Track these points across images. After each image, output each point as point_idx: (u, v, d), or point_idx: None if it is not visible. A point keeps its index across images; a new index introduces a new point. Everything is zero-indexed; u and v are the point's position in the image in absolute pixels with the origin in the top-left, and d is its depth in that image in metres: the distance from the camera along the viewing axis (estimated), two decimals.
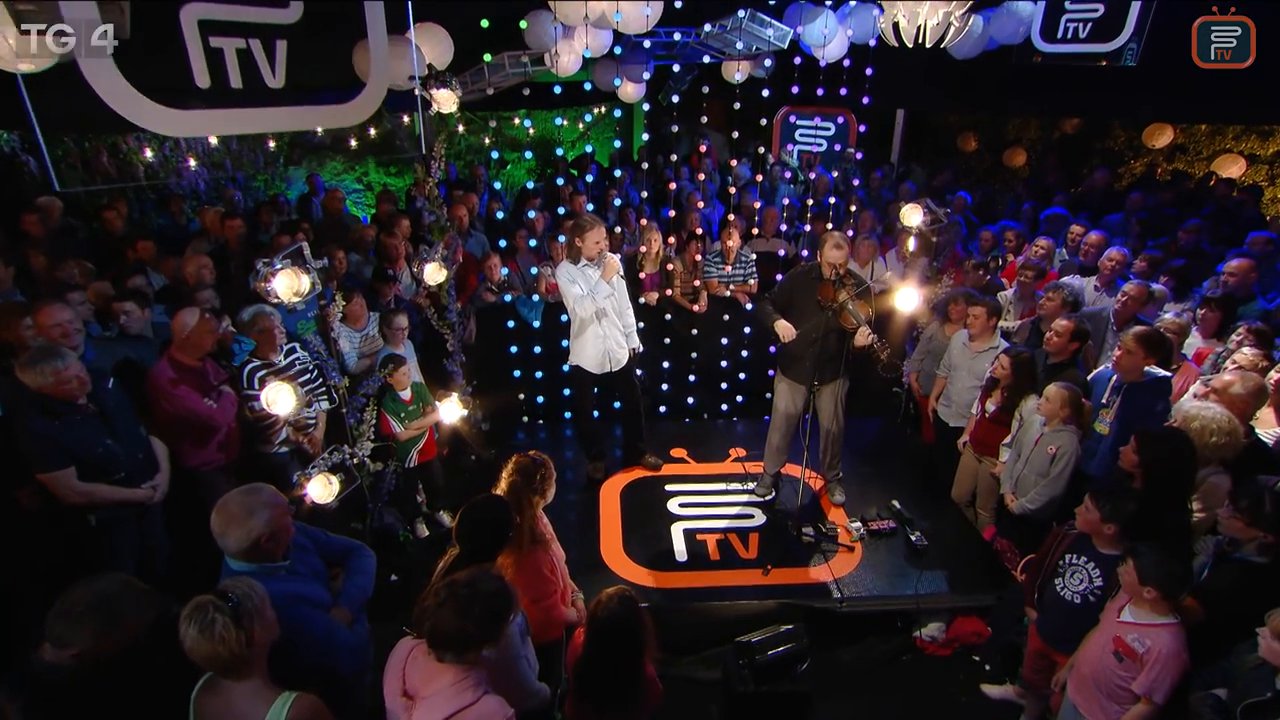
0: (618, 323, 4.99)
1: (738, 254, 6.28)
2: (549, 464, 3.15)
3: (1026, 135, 9.98)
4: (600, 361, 4.99)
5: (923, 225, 5.47)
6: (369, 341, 5.02)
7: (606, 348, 4.95)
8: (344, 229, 6.27)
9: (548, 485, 3.12)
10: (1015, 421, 4.41)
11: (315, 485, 3.89)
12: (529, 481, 3.05)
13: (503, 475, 3.10)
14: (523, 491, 3.02)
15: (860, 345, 4.16)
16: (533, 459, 3.11)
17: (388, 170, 9.34)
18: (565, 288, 4.83)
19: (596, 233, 4.66)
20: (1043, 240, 5.84)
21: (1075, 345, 4.34)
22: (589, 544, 4.62)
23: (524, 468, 3.08)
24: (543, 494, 3.10)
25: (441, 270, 5.06)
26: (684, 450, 5.71)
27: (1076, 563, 3.26)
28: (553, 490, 3.18)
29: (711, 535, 4.69)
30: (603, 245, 4.74)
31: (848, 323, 4.26)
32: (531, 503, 3.04)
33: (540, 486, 3.07)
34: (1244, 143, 8.22)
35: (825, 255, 4.34)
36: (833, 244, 4.31)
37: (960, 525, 4.84)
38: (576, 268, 4.81)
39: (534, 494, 3.06)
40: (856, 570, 4.38)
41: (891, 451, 5.83)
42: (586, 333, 4.93)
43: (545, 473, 3.10)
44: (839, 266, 4.31)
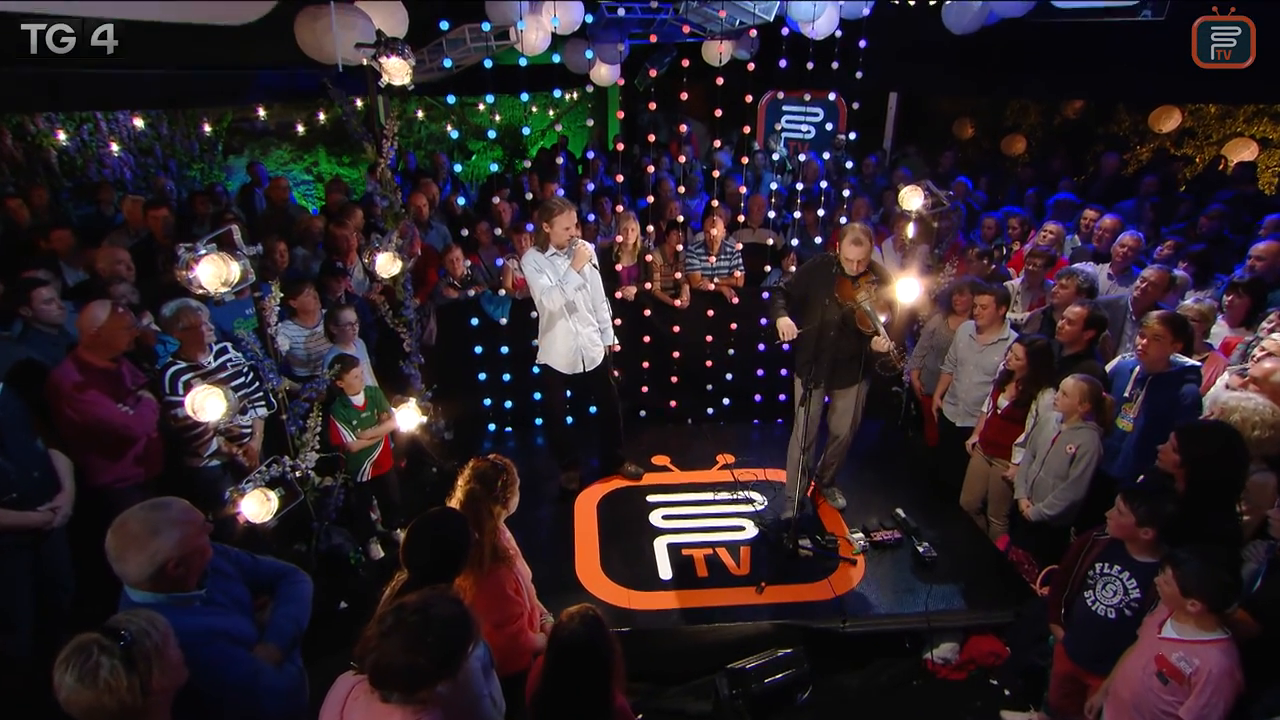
0: (591, 317, 4.78)
1: (722, 244, 6.09)
2: (511, 469, 2.92)
3: (1026, 121, 9.93)
4: (571, 360, 4.77)
5: (923, 209, 5.35)
6: (314, 340, 4.74)
7: (578, 345, 4.74)
8: (289, 221, 5.97)
9: (510, 494, 2.90)
10: (1030, 419, 4.27)
11: (250, 502, 3.64)
12: (489, 490, 2.81)
13: (458, 484, 2.86)
14: (482, 501, 2.79)
15: (876, 350, 4.07)
16: (493, 464, 2.88)
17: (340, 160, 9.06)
18: (531, 278, 4.61)
19: (566, 217, 4.45)
20: (1052, 225, 5.72)
21: (1091, 334, 4.21)
22: (562, 562, 4.43)
23: (483, 474, 2.84)
24: (505, 504, 2.87)
25: (396, 261, 4.83)
26: (667, 458, 5.55)
27: (1109, 573, 3.08)
28: (516, 499, 2.96)
29: (699, 550, 4.52)
30: (573, 231, 4.53)
31: (864, 325, 4.15)
32: (492, 514, 2.81)
33: (502, 495, 2.84)
34: (1256, 126, 8.20)
35: (843, 251, 4.19)
36: (851, 239, 4.13)
37: (971, 535, 4.70)
38: (544, 256, 4.60)
39: (495, 504, 2.83)
40: (860, 586, 4.23)
41: (893, 456, 5.70)
42: (556, 328, 4.71)
43: (507, 479, 2.87)
44: (859, 263, 4.16)
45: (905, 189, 5.36)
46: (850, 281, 4.22)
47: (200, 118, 7.72)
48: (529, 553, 4.37)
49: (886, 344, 4.02)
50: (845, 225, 4.32)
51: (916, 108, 10.38)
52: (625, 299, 5.85)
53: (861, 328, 4.18)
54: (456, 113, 9.88)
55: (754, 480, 5.22)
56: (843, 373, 4.41)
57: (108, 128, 7.15)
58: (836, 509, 4.92)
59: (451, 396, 5.83)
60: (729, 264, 6.14)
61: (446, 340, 5.84)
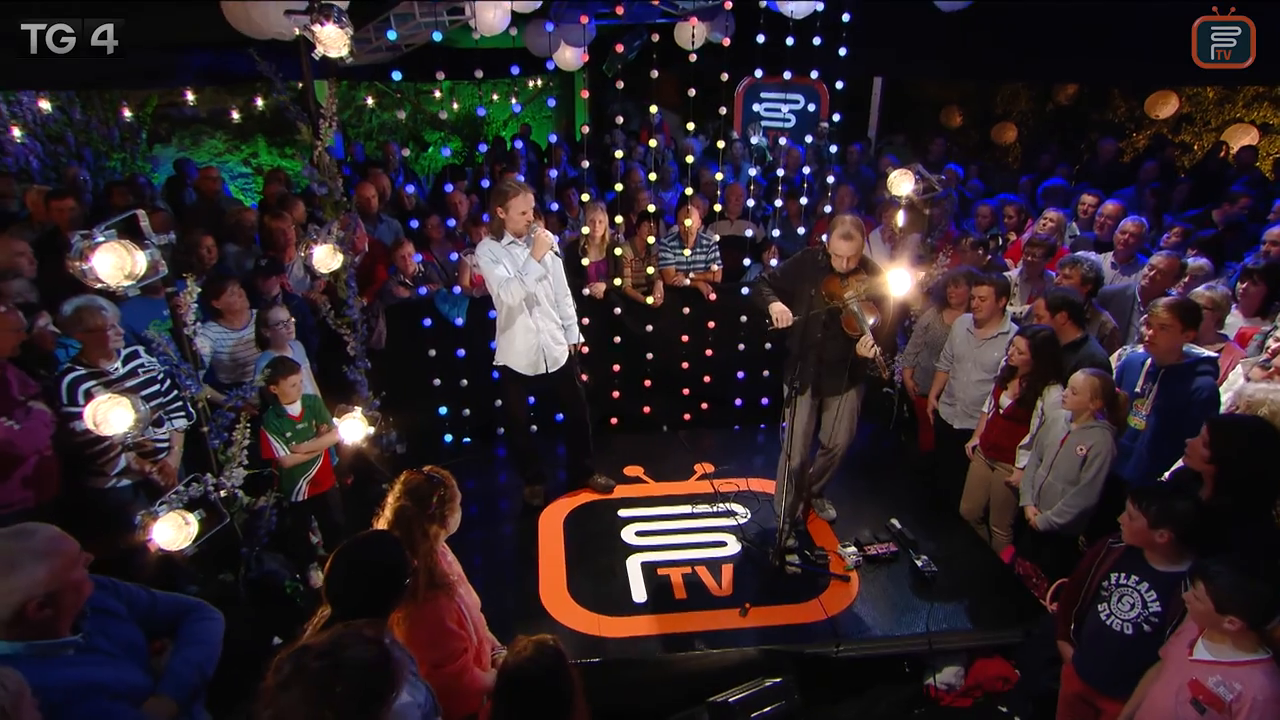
0: (553, 313, 4.56)
1: (698, 236, 5.90)
2: (450, 483, 2.68)
3: (1016, 108, 9.91)
4: (533, 360, 4.54)
5: (914, 194, 5.21)
6: (243, 345, 4.45)
7: (539, 343, 4.52)
8: (220, 215, 5.67)
9: (449, 510, 2.65)
10: (1035, 418, 4.11)
11: (164, 527, 3.36)
12: (422, 506, 2.57)
13: (388, 500, 2.60)
14: (415, 520, 2.54)
15: (861, 355, 3.93)
16: (427, 476, 2.64)
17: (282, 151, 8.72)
18: (487, 269, 4.38)
19: (521, 200, 4.23)
20: (1052, 213, 5.63)
21: (1063, 316, 4.12)
22: (524, 587, 4.20)
23: (415, 488, 2.60)
24: (443, 522, 2.63)
25: (336, 255, 4.58)
26: (640, 468, 5.35)
27: (1125, 583, 2.91)
28: (457, 517, 2.72)
29: (676, 569, 4.32)
30: (530, 216, 4.32)
31: (850, 327, 4.00)
32: (428, 534, 2.56)
33: (439, 512, 2.60)
34: (1255, 111, 8.20)
35: (833, 246, 4.02)
36: (841, 233, 3.97)
37: (973, 546, 4.54)
38: (500, 245, 4.36)
39: (430, 523, 2.58)
40: (854, 606, 4.05)
41: (885, 462, 5.56)
42: (515, 325, 4.48)
43: (445, 493, 2.63)
44: (850, 260, 4.00)
45: (895, 173, 5.24)
46: (839, 279, 4.06)
47: (119, 102, 7.35)
48: (488, 576, 4.27)
49: (871, 349, 3.86)
50: (836, 217, 4.14)
51: (902, 95, 10.33)
52: (594, 297, 5.66)
53: (847, 330, 4.03)
54: (410, 100, 9.60)
55: (736, 491, 5.03)
56: (831, 379, 4.23)
57: (8, 111, 6.74)
58: (826, 521, 4.76)
59: (404, 405, 5.58)
60: (705, 258, 5.97)
61: (397, 343, 5.59)
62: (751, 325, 5.90)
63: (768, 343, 5.87)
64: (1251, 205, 5.86)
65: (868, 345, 3.87)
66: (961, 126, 9.91)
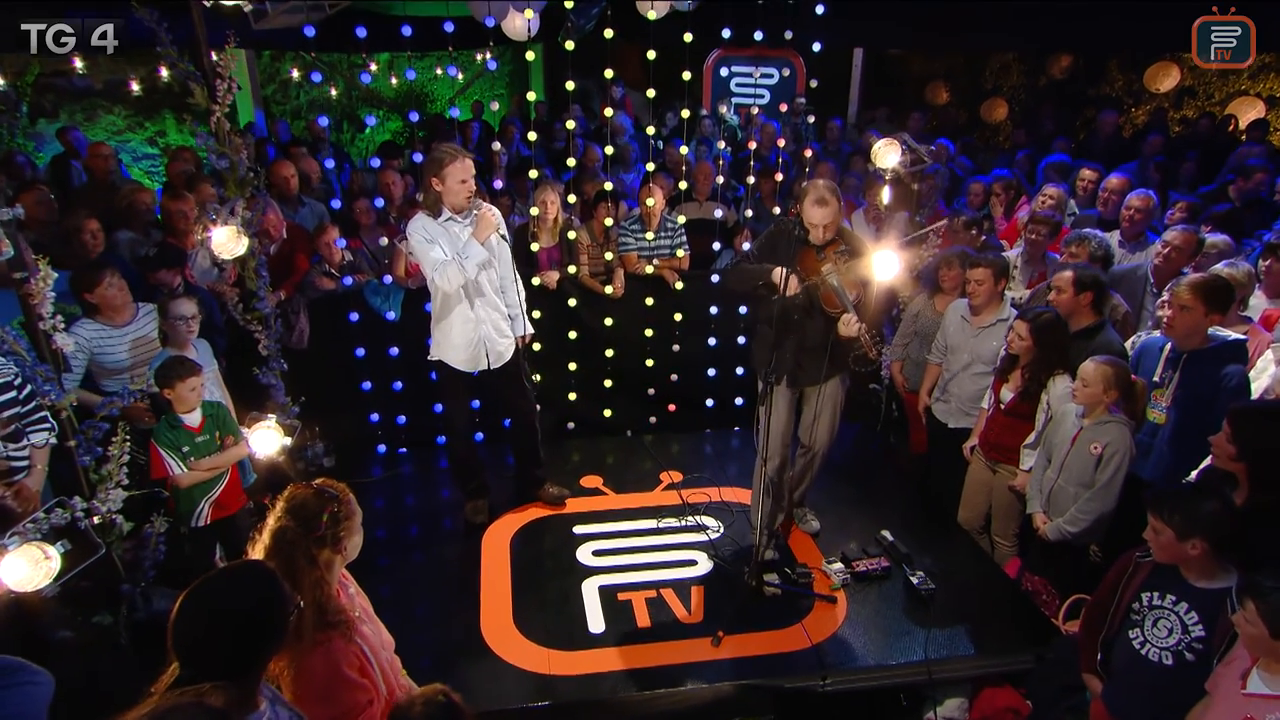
0: (498, 301, 4.24)
1: (662, 219, 5.66)
2: (345, 497, 2.34)
3: (1007, 83, 9.80)
4: (473, 355, 4.24)
5: (900, 167, 4.99)
6: (131, 344, 4.06)
7: (481, 335, 4.21)
8: (111, 196, 5.27)
9: (345, 531, 2.31)
10: (1041, 414, 3.94)
11: (16, 563, 2.97)
12: (308, 527, 2.22)
13: (267, 522, 2.25)
14: (298, 545, 2.19)
15: (845, 336, 3.70)
16: (316, 491, 2.29)
17: (194, 129, 8.25)
18: (421, 251, 4.06)
19: (459, 167, 3.91)
20: (1051, 189, 5.47)
21: (1089, 297, 3.93)
22: (464, 617, 3.90)
23: (299, 505, 2.25)
24: (336, 545, 2.28)
25: (240, 238, 4.21)
26: (599, 478, 5.09)
27: (1160, 605, 2.67)
28: (357, 539, 2.38)
29: (639, 593, 4.06)
30: (470, 187, 4.00)
31: (830, 304, 3.77)
32: (316, 561, 2.21)
33: (331, 534, 2.26)
34: (1262, 82, 8.12)
35: (805, 214, 3.79)
36: (814, 198, 3.74)
37: (974, 560, 4.35)
38: (436, 222, 4.03)
39: (319, 547, 2.24)
40: (841, 630, 3.82)
41: (873, 467, 5.38)
42: (453, 315, 4.17)
43: (339, 511, 2.29)
44: (825, 229, 3.78)
45: (879, 144, 5.04)
46: (814, 252, 3.84)
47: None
48: (423, 607, 4.00)
49: (856, 326, 3.63)
50: (808, 182, 3.90)
51: (884, 70, 10.18)
52: (546, 287, 5.40)
53: (827, 308, 3.81)
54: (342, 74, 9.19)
55: (707, 503, 4.79)
56: (810, 366, 4.01)
57: None
58: (809, 534, 4.52)
59: (331, 412, 5.28)
60: (670, 242, 5.72)
61: (322, 342, 5.28)
62: (724, 317, 5.70)
63: (741, 336, 5.64)
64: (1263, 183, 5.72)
65: (851, 323, 3.64)
66: (948, 103, 9.76)
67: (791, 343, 3.94)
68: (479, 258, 4.03)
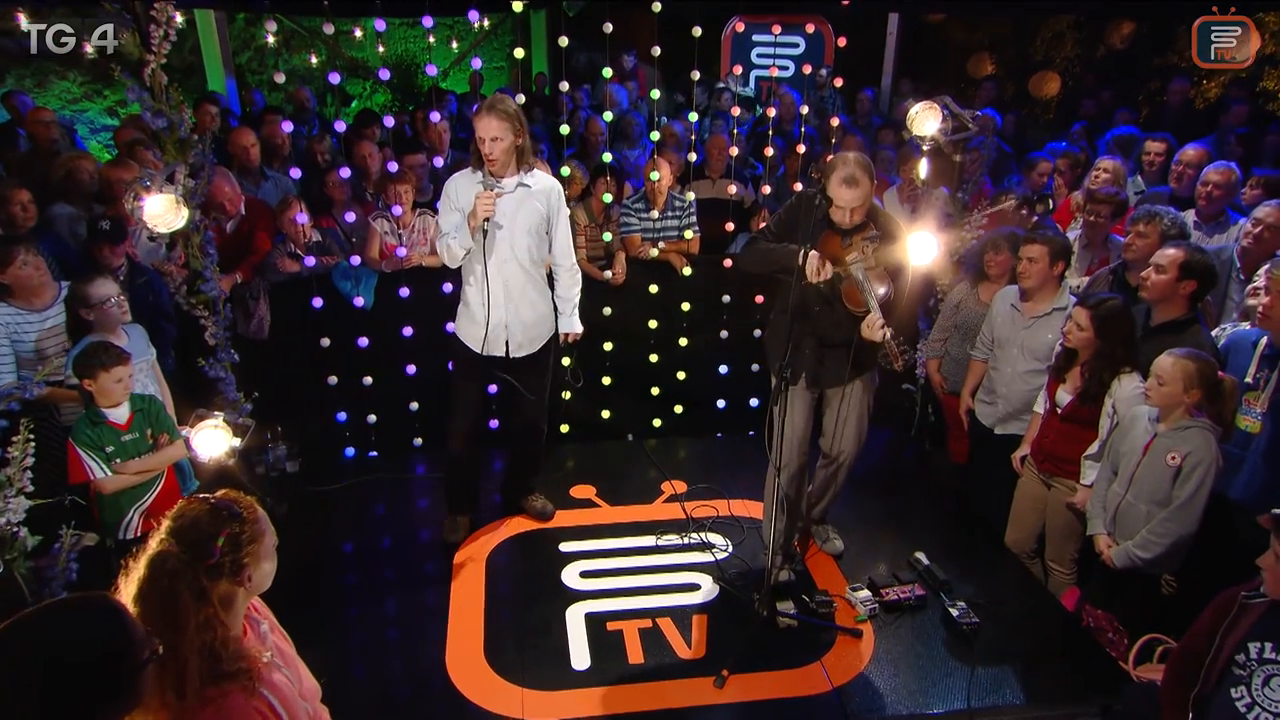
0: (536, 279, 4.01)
1: (669, 197, 5.43)
2: (252, 514, 2.01)
3: (1060, 54, 9.48)
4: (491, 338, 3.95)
5: (940, 135, 4.70)
6: (50, 333, 3.83)
7: (502, 318, 3.94)
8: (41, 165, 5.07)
9: (251, 557, 1.97)
10: (1105, 419, 3.66)
11: None
12: (198, 552, 1.88)
13: (148, 545, 1.92)
14: (182, 576, 1.85)
15: (868, 339, 3.43)
16: (212, 507, 1.96)
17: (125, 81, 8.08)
18: (441, 212, 3.92)
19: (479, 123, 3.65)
20: (1107, 160, 5.17)
21: (1190, 286, 3.59)
22: (427, 651, 3.64)
23: (188, 526, 1.92)
24: (237, 574, 1.95)
25: (178, 209, 3.95)
26: (591, 488, 4.86)
27: (1275, 658, 2.32)
28: (267, 566, 2.05)
29: (631, 623, 3.80)
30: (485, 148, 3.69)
31: (852, 301, 3.50)
32: (208, 596, 1.88)
33: (228, 560, 1.92)
34: None
35: (832, 193, 3.49)
36: (843, 175, 3.43)
37: (1024, 589, 4.06)
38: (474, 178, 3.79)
39: (214, 577, 1.90)
40: (868, 671, 3.56)
41: (906, 478, 5.18)
42: (470, 286, 3.95)
43: (241, 532, 1.95)
44: (854, 212, 3.49)
45: (916, 107, 4.75)
46: (839, 237, 3.55)
47: None
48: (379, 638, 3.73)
49: (880, 331, 3.34)
50: (836, 156, 3.61)
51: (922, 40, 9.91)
52: None
53: (848, 304, 3.54)
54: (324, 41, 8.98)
55: (714, 517, 4.54)
56: (833, 364, 3.75)
57: None
58: (831, 555, 4.26)
59: (294, 410, 5.08)
60: (679, 223, 5.51)
61: (284, 331, 5.07)
62: (738, 307, 5.47)
63: (757, 329, 5.37)
64: None
65: (875, 325, 3.35)
66: (993, 76, 9.43)
67: (811, 337, 3.69)
68: (464, 243, 3.77)
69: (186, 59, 8.07)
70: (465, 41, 9.79)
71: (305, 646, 3.70)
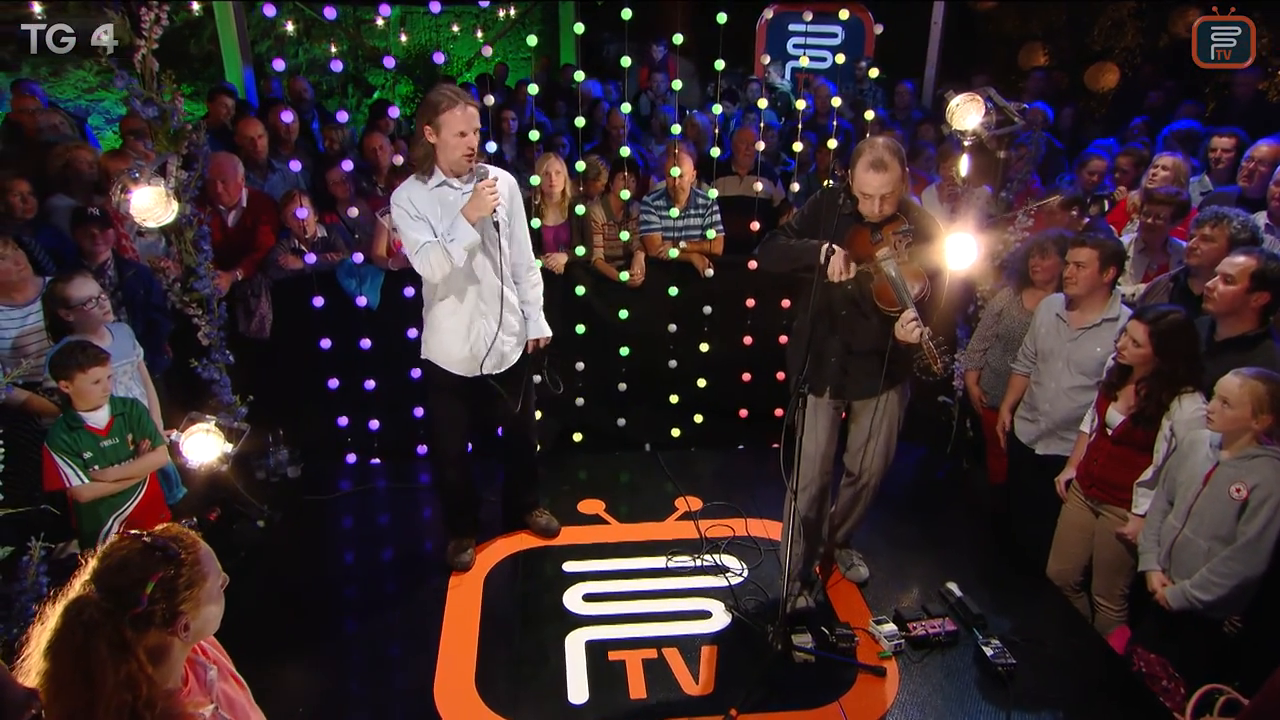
0: (505, 291, 3.74)
1: (692, 194, 5.24)
2: (192, 554, 1.80)
3: (1119, 44, 9.12)
4: (469, 356, 3.76)
5: (983, 129, 4.46)
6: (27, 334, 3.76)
7: (479, 332, 3.73)
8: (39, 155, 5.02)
9: (189, 603, 1.76)
10: (1161, 443, 3.40)
11: None
12: (120, 602, 1.68)
13: (70, 586, 1.74)
14: (98, 630, 1.66)
15: (903, 341, 3.23)
16: (145, 547, 1.75)
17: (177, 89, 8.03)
18: (403, 228, 3.57)
19: (460, 115, 3.38)
20: (1167, 157, 4.86)
21: (1263, 299, 3.33)
22: (414, 677, 3.48)
23: (114, 568, 1.72)
24: (172, 624, 1.74)
25: (168, 204, 3.86)
26: (601, 503, 4.67)
27: None
28: (208, 611, 1.84)
29: (635, 652, 3.61)
30: (471, 143, 3.46)
31: (885, 301, 3.29)
32: (129, 652, 1.68)
33: (161, 609, 1.72)
34: None
35: (858, 181, 3.28)
36: (869, 160, 3.22)
37: (1068, 626, 3.80)
38: (426, 189, 3.55)
39: (138, 629, 1.70)
40: (891, 714, 3.35)
41: (940, 499, 4.92)
42: (444, 305, 3.71)
43: (179, 577, 1.75)
44: (882, 201, 3.27)
45: (956, 100, 4.52)
46: (868, 231, 3.34)
47: None
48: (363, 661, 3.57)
49: (917, 329, 3.13)
50: (863, 141, 3.39)
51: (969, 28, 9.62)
52: (552, 271, 5.02)
53: (879, 303, 3.33)
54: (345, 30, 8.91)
55: (730, 537, 4.33)
56: (861, 375, 3.52)
57: None
58: (855, 583, 4.03)
59: (296, 413, 5.00)
60: (702, 222, 5.31)
61: (286, 330, 4.97)
62: (763, 311, 5.27)
63: (783, 335, 5.16)
64: None
65: (909, 323, 3.14)
66: (1046, 67, 9.09)
67: (836, 344, 3.48)
68: (468, 240, 3.49)
69: (205, 48, 8.06)
70: (491, 31, 9.69)
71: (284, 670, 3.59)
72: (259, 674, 2.19)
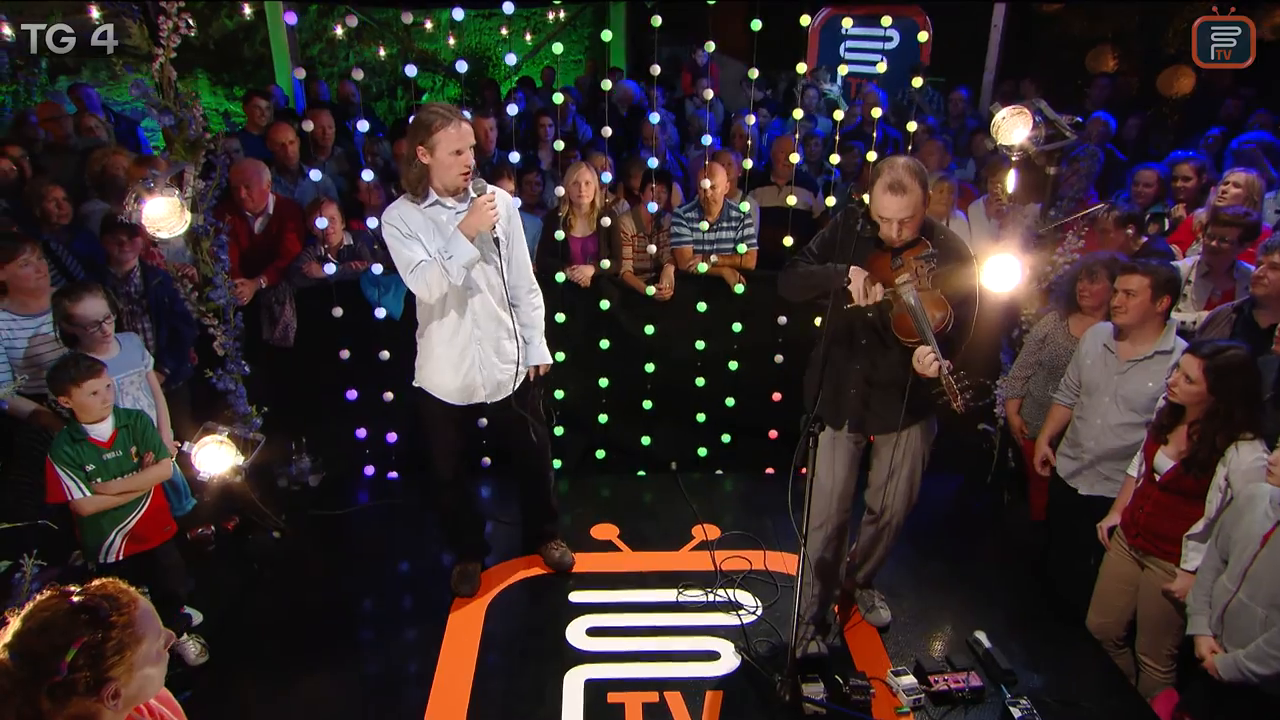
0: (502, 315, 3.60)
1: (725, 206, 5.06)
2: (128, 616, 1.65)
3: None
4: (463, 386, 3.62)
5: (1030, 144, 4.17)
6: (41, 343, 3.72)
7: (474, 359, 3.58)
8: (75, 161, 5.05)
9: (120, 667, 1.62)
10: (1215, 492, 3.09)
11: None
12: (37, 670, 1.55)
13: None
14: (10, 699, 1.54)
15: (921, 374, 3.02)
16: (71, 609, 1.61)
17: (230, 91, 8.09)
18: (394, 249, 3.42)
19: (454, 134, 3.23)
20: (1240, 174, 4.50)
21: None
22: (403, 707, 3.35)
23: (34, 630, 1.59)
24: (98, 691, 1.60)
25: (181, 214, 3.81)
26: (615, 528, 4.49)
27: None
28: (147, 674, 1.69)
29: (636, 694, 3.42)
30: (467, 161, 3.32)
31: (903, 330, 3.08)
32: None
33: (86, 677, 1.58)
34: None
35: (876, 204, 3.08)
36: (887, 182, 3.01)
37: (1109, 686, 3.50)
38: (419, 209, 3.41)
39: (57, 699, 1.56)
40: None
41: (976, 534, 4.66)
42: (437, 330, 3.56)
43: (107, 641, 1.61)
44: (901, 225, 3.05)
45: (1002, 113, 4.20)
46: (888, 256, 3.13)
47: None
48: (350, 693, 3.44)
49: (935, 363, 2.91)
50: (881, 161, 3.18)
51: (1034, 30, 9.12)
52: (579, 285, 4.91)
53: (898, 334, 3.11)
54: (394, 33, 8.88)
55: (746, 571, 4.10)
56: (882, 407, 3.30)
57: None
58: (875, 626, 3.78)
59: (317, 423, 4.95)
60: (735, 235, 5.11)
61: (310, 339, 4.90)
62: (795, 329, 5.00)
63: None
64: None
65: (927, 358, 2.91)
66: (1115, 72, 8.62)
67: (856, 374, 3.26)
68: (466, 257, 3.33)
69: (257, 50, 8.11)
70: (540, 34, 9.59)
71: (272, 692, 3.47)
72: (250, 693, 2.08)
